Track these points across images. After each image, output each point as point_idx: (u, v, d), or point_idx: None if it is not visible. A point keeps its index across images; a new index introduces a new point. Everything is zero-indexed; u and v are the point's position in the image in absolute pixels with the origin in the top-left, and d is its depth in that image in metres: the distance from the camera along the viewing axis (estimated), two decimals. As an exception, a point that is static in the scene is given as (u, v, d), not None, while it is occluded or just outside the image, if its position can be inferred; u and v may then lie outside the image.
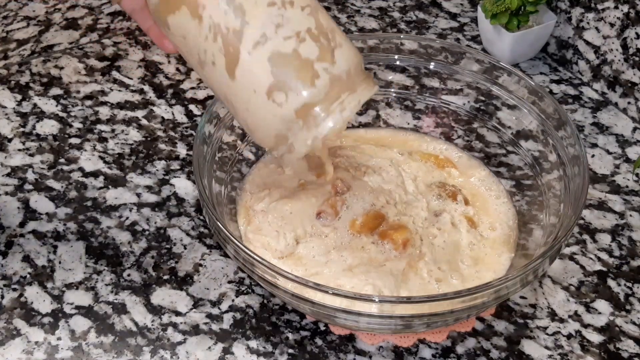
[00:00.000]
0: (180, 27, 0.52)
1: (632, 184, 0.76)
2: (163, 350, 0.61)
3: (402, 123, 0.78)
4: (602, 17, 0.83)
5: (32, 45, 0.94)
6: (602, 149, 0.80)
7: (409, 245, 0.64)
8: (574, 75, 0.90)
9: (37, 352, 0.61)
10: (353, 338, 0.62)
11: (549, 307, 0.65)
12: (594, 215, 0.73)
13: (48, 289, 0.66)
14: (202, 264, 0.68)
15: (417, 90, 0.77)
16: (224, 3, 0.50)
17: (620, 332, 0.63)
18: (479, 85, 0.73)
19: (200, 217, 0.72)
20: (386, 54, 0.75)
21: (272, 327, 0.63)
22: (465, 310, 0.55)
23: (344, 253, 0.63)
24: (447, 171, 0.73)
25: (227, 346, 0.62)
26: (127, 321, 0.63)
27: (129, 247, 0.69)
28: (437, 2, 1.02)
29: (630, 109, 0.84)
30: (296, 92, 0.51)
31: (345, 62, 0.52)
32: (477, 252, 0.66)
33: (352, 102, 0.53)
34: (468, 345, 0.62)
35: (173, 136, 0.81)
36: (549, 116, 0.68)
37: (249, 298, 0.65)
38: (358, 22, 0.98)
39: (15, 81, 0.88)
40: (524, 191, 0.70)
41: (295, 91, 0.51)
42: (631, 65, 0.82)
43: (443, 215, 0.67)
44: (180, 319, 0.63)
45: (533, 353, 0.62)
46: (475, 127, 0.75)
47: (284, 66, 0.51)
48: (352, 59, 0.53)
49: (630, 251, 0.70)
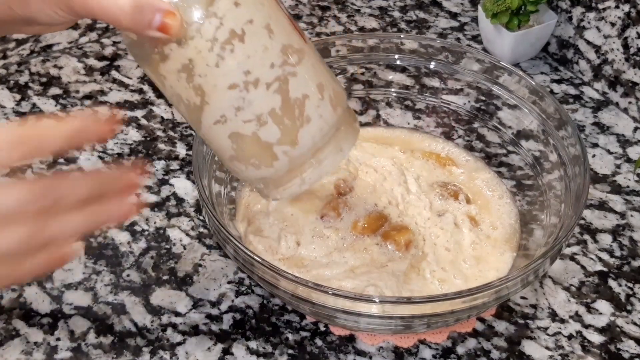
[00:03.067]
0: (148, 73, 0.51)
1: (633, 184, 0.76)
2: (162, 351, 0.61)
3: (402, 123, 0.78)
4: (603, 16, 0.83)
5: (31, 45, 0.94)
6: (603, 148, 0.80)
7: (412, 246, 0.64)
8: (574, 75, 0.89)
9: (37, 352, 0.61)
10: (353, 338, 0.62)
11: (550, 307, 0.65)
12: (594, 215, 0.73)
13: (47, 289, 0.66)
14: (202, 264, 0.68)
15: (418, 90, 0.77)
16: (183, 80, 0.47)
17: (621, 333, 0.63)
18: (479, 85, 0.73)
19: (200, 217, 0.72)
20: (386, 53, 0.75)
21: (272, 327, 0.63)
22: (466, 311, 0.55)
23: (345, 254, 0.63)
24: (448, 169, 0.73)
25: (226, 347, 0.61)
26: (126, 322, 0.63)
27: (128, 248, 0.69)
28: (437, 2, 1.01)
29: (631, 109, 0.83)
30: (255, 167, 0.50)
31: (311, 138, 0.49)
32: (479, 252, 0.66)
33: (312, 177, 0.51)
34: (468, 345, 0.62)
35: (172, 136, 0.81)
36: (549, 116, 0.68)
37: (249, 298, 0.65)
38: (358, 21, 0.98)
39: (15, 81, 0.88)
40: (525, 191, 0.70)
41: (254, 167, 0.50)
42: (632, 65, 0.82)
43: (446, 215, 0.67)
44: (180, 320, 0.63)
45: (534, 353, 0.61)
46: (476, 127, 0.75)
47: (243, 146, 0.49)
48: (320, 131, 0.50)
49: (631, 251, 0.70)
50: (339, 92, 0.52)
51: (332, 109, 0.50)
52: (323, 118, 0.50)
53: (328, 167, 0.52)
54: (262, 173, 0.51)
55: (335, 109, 0.50)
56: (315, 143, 0.50)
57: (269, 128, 0.48)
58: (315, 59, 0.50)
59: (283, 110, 0.48)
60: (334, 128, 0.51)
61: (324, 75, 0.51)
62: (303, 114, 0.48)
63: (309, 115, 0.49)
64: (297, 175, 0.51)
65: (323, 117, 0.50)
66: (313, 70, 0.49)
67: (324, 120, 0.50)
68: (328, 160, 0.51)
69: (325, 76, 0.51)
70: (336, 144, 0.52)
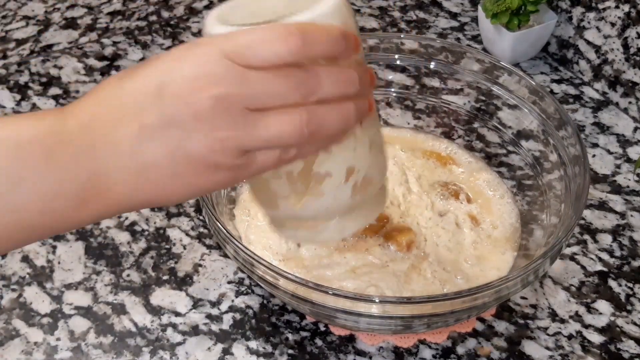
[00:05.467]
0: None
1: (633, 184, 0.76)
2: (162, 351, 0.61)
3: (402, 123, 0.78)
4: (602, 16, 0.83)
5: (31, 45, 0.94)
6: (603, 148, 0.80)
7: (414, 247, 0.64)
8: (574, 75, 0.89)
9: (37, 352, 0.61)
10: (353, 338, 0.62)
11: (550, 307, 0.65)
12: (594, 215, 0.73)
13: (47, 289, 0.66)
14: (202, 264, 0.68)
15: (418, 90, 0.77)
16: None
17: (621, 333, 0.63)
18: (479, 85, 0.73)
19: (200, 217, 0.72)
20: (386, 53, 0.75)
21: (272, 327, 0.63)
22: (466, 311, 0.55)
23: (347, 255, 0.63)
24: (449, 168, 0.73)
25: (226, 347, 0.61)
26: (126, 322, 0.63)
27: (128, 248, 0.69)
28: (437, 2, 1.01)
29: (631, 109, 0.83)
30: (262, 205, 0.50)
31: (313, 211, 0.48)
32: (480, 251, 0.66)
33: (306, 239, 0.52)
34: (468, 345, 0.62)
35: (173, 136, 0.80)
36: (549, 116, 0.68)
37: (249, 298, 0.65)
38: (358, 21, 0.98)
39: (15, 81, 0.88)
40: (525, 191, 0.70)
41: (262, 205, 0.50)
42: (632, 65, 0.81)
43: (448, 215, 0.67)
44: (180, 320, 0.63)
45: (534, 353, 0.61)
46: (476, 127, 0.75)
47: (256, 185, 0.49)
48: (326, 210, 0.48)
49: (631, 251, 0.69)
50: (370, 178, 0.49)
51: (351, 195, 0.48)
52: (336, 200, 0.48)
53: (324, 237, 0.50)
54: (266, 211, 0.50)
55: (353, 196, 0.48)
56: (316, 216, 0.49)
57: (281, 183, 0.47)
58: (364, 141, 0.47)
59: (300, 176, 0.46)
60: (344, 211, 0.49)
61: (364, 159, 0.48)
62: (318, 187, 0.47)
63: (322, 190, 0.47)
64: (293, 228, 0.50)
65: (337, 199, 0.47)
66: (351, 153, 0.46)
67: (337, 201, 0.48)
68: (326, 233, 0.50)
69: (364, 160, 0.48)
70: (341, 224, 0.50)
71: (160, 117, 0.40)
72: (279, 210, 0.48)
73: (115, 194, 0.41)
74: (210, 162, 0.41)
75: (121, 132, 0.40)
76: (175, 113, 0.39)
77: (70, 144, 0.40)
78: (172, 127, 0.40)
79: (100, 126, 0.41)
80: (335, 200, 0.47)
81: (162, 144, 0.40)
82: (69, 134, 0.40)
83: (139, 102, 0.40)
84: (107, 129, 0.40)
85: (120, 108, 0.41)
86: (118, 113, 0.40)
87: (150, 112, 0.40)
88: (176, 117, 0.40)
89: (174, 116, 0.40)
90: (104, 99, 0.41)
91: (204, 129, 0.39)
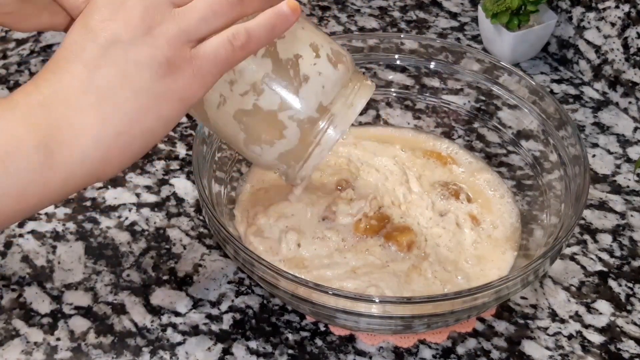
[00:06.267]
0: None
1: (633, 184, 0.76)
2: (162, 351, 0.61)
3: (402, 123, 0.78)
4: (603, 16, 0.83)
5: (31, 45, 0.94)
6: (603, 148, 0.80)
7: (414, 247, 0.64)
8: (574, 75, 0.89)
9: (36, 352, 0.61)
10: (353, 338, 0.62)
11: (550, 307, 0.65)
12: (594, 215, 0.73)
13: (47, 289, 0.66)
14: (202, 264, 0.68)
15: (418, 90, 0.77)
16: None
17: (621, 333, 0.63)
18: (479, 85, 0.73)
19: (200, 217, 0.72)
20: (386, 53, 0.75)
21: (272, 327, 0.63)
22: (466, 311, 0.55)
23: (347, 255, 0.63)
24: (449, 168, 0.73)
25: (226, 347, 0.61)
26: (126, 322, 0.63)
27: (128, 248, 0.69)
28: (437, 2, 1.01)
29: (631, 109, 0.83)
30: (269, 145, 0.50)
31: (313, 96, 0.48)
32: (481, 251, 0.66)
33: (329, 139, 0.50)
34: (468, 345, 0.62)
35: (172, 136, 0.81)
36: (549, 116, 0.68)
37: (249, 298, 0.65)
38: (358, 21, 0.98)
39: (14, 81, 0.88)
40: (525, 191, 0.70)
41: (268, 144, 0.50)
42: (632, 65, 0.81)
43: (448, 215, 0.67)
44: (180, 320, 0.63)
45: (534, 354, 0.61)
46: (476, 127, 0.75)
47: (250, 122, 0.49)
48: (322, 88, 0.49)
49: (631, 251, 0.69)
50: (338, 51, 0.50)
51: (333, 67, 0.49)
52: (323, 75, 0.49)
53: (341, 124, 0.50)
54: (277, 149, 0.50)
55: (336, 67, 0.49)
56: (319, 101, 0.49)
57: (267, 95, 0.47)
58: (305, 23, 0.50)
59: (276, 73, 0.47)
60: (338, 85, 0.50)
61: (318, 36, 0.50)
62: (299, 73, 0.48)
63: (305, 74, 0.48)
64: (313, 142, 0.50)
65: (323, 74, 0.49)
66: (303, 32, 0.49)
67: (325, 77, 0.49)
68: (339, 117, 0.50)
69: (320, 38, 0.50)
70: (344, 100, 0.50)
71: (97, 46, 0.42)
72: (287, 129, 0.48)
73: (83, 138, 0.42)
74: (162, 60, 0.42)
75: (68, 80, 0.42)
76: (108, 35, 0.42)
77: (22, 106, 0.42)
78: (111, 48, 0.42)
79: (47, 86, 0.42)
80: (323, 76, 0.49)
81: (110, 67, 0.42)
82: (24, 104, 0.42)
83: (74, 47, 0.42)
84: (54, 86, 0.42)
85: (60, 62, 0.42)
86: (62, 66, 0.42)
87: (86, 48, 0.42)
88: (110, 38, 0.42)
89: (108, 38, 0.42)
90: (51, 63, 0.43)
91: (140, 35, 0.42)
